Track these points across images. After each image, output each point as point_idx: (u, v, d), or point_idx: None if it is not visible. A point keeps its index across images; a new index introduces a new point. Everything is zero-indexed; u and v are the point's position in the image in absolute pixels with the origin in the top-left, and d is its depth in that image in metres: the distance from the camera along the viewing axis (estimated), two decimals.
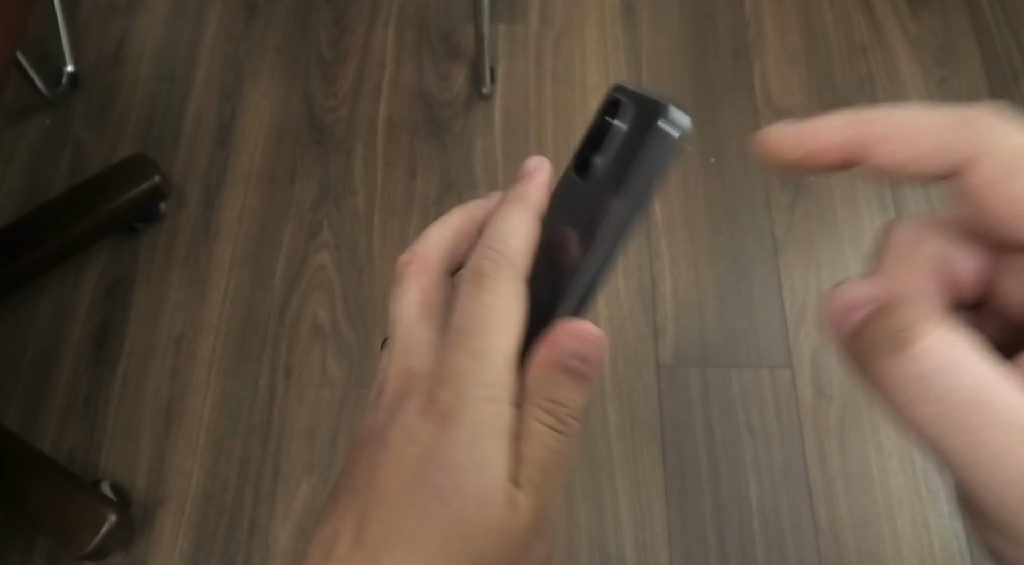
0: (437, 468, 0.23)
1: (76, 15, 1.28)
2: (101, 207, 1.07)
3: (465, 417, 0.23)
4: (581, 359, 0.24)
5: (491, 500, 0.23)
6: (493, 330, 0.24)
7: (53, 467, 0.92)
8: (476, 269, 0.25)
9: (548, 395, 0.24)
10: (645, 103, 0.25)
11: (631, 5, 1.29)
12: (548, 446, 0.24)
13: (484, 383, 0.24)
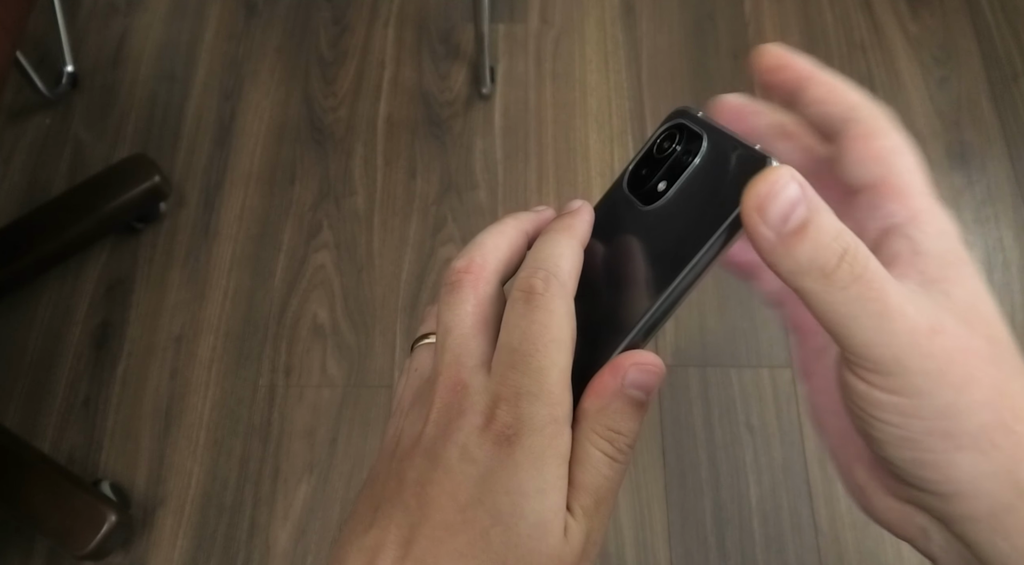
0: (499, 491, 0.23)
1: (76, 15, 1.28)
2: (101, 207, 1.07)
3: (526, 440, 0.23)
4: (643, 389, 0.24)
5: (550, 527, 0.23)
6: (549, 349, 0.24)
7: (53, 467, 0.92)
8: (527, 288, 0.25)
9: (607, 423, 0.24)
10: (735, 146, 0.24)
11: (631, 5, 1.29)
12: (604, 474, 0.24)
13: (543, 403, 0.23)
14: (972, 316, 0.22)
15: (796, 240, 0.20)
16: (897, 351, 0.20)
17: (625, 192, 0.27)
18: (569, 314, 0.25)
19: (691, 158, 0.25)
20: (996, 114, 1.21)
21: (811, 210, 0.20)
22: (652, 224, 0.25)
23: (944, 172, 1.17)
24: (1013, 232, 1.13)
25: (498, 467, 0.23)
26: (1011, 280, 1.10)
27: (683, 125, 0.26)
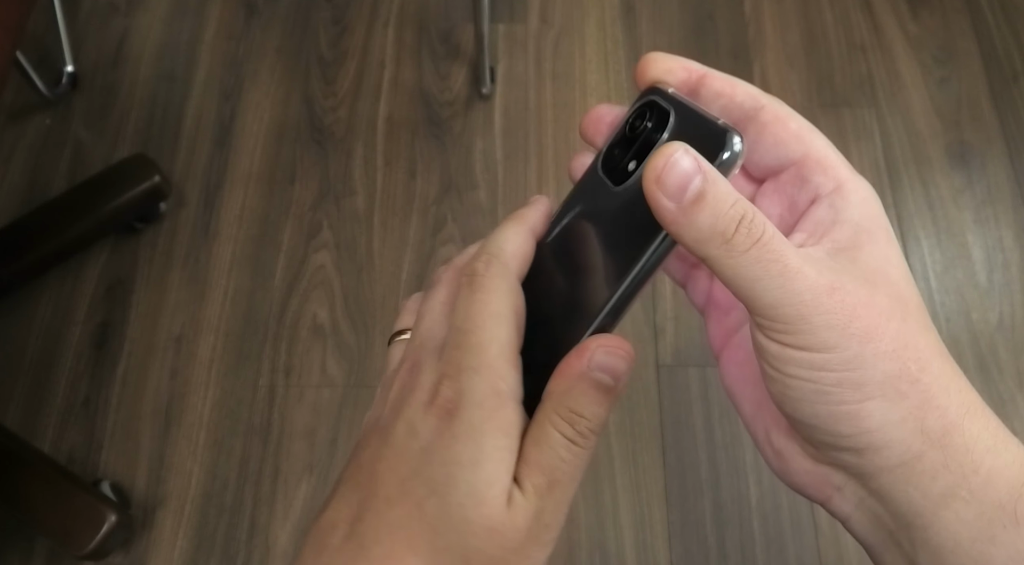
0: (436, 463, 0.24)
1: (76, 15, 1.28)
2: (101, 207, 1.07)
3: (465, 413, 0.24)
4: (610, 373, 0.24)
5: (486, 497, 0.23)
6: (488, 325, 0.25)
7: (53, 467, 0.92)
8: (470, 271, 0.26)
9: (570, 405, 0.24)
10: (700, 122, 0.24)
11: (631, 5, 1.29)
12: (560, 456, 0.24)
13: (483, 376, 0.24)
14: (876, 277, 0.23)
15: (696, 209, 0.22)
16: (801, 309, 0.21)
17: (599, 175, 0.27)
18: (511, 292, 0.26)
19: (659, 135, 0.25)
20: (996, 114, 1.21)
21: (707, 181, 0.22)
22: (621, 204, 0.26)
23: (944, 172, 1.17)
24: (1013, 232, 1.13)
25: (437, 440, 0.24)
26: (1011, 280, 1.10)
27: (654, 102, 0.26)
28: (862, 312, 0.22)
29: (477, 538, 0.23)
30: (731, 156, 0.23)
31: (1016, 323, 1.07)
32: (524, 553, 0.24)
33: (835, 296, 0.22)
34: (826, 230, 0.24)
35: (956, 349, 1.05)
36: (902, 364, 0.22)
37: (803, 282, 0.21)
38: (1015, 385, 1.03)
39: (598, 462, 0.98)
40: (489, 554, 0.23)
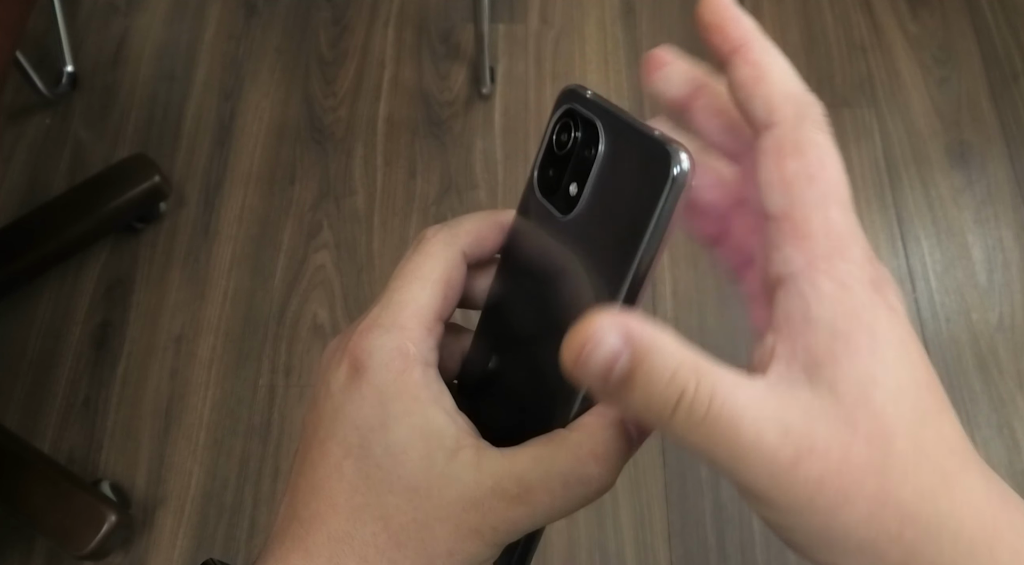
0: (348, 425, 0.24)
1: (76, 15, 1.28)
2: (101, 207, 1.07)
3: (370, 373, 0.24)
4: (638, 429, 0.24)
5: (402, 460, 0.23)
6: (412, 286, 0.25)
7: (53, 467, 0.92)
8: (420, 236, 0.26)
9: (593, 447, 0.24)
10: (634, 135, 0.23)
11: (631, 5, 1.29)
12: (551, 488, 0.23)
13: (393, 336, 0.24)
14: (856, 412, 0.19)
15: (625, 391, 0.19)
16: (759, 487, 0.19)
17: (539, 199, 0.25)
18: (447, 260, 0.25)
19: (592, 152, 0.24)
20: (996, 114, 1.21)
21: (636, 358, 0.19)
22: (576, 234, 0.24)
23: (944, 172, 1.17)
24: (1013, 232, 1.13)
25: (347, 401, 0.24)
26: (1011, 280, 1.10)
27: (575, 112, 0.24)
28: (831, 480, 0.19)
29: (395, 496, 0.23)
30: (678, 181, 0.21)
31: (1016, 323, 1.07)
32: (485, 510, 0.23)
33: (799, 470, 0.19)
34: (797, 333, 0.20)
35: (956, 349, 1.05)
36: (880, 527, 0.19)
37: (758, 458, 0.19)
38: (1015, 385, 1.03)
39: None
40: (409, 514, 0.23)
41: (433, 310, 0.25)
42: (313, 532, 0.24)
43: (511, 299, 0.27)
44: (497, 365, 0.27)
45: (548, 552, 0.94)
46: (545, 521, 0.24)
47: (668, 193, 0.21)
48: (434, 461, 0.23)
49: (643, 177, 0.22)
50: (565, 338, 0.19)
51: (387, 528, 0.23)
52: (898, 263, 1.11)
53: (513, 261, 0.27)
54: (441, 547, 0.23)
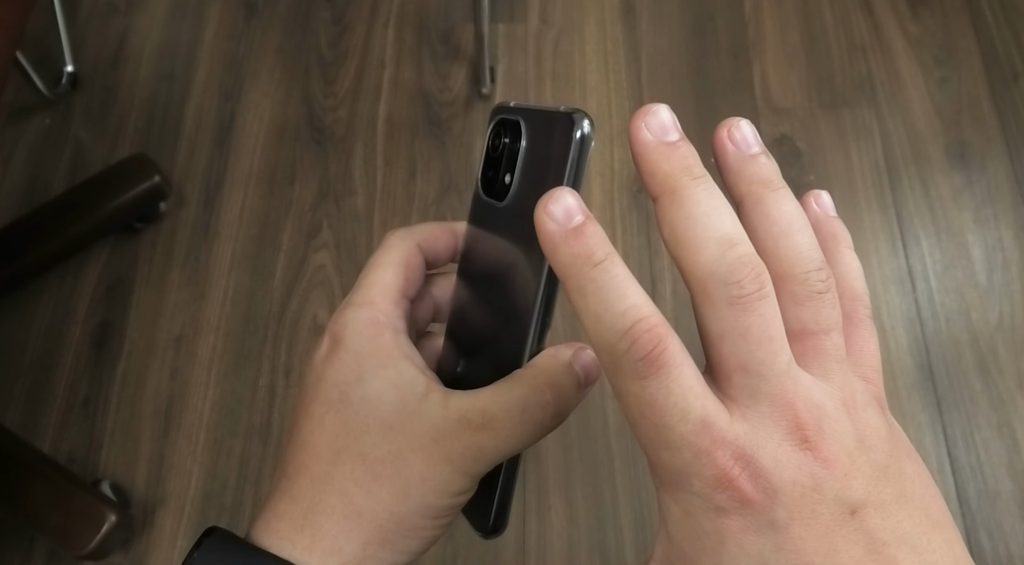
0: (329, 385, 0.27)
1: (76, 15, 1.28)
2: (101, 207, 1.07)
3: (347, 340, 0.28)
4: (585, 374, 0.27)
5: (378, 404, 0.26)
6: (378, 271, 0.30)
7: (53, 467, 0.92)
8: (382, 239, 0.31)
9: (549, 378, 0.26)
10: (547, 117, 0.26)
11: (631, 5, 1.29)
12: (511, 412, 0.26)
13: (364, 309, 0.28)
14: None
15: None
16: None
17: (483, 199, 0.29)
18: (404, 249, 0.30)
19: (519, 143, 0.27)
20: (996, 114, 1.21)
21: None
22: (512, 215, 0.27)
23: (944, 172, 1.17)
24: (1013, 232, 1.13)
25: (328, 367, 0.28)
26: (1011, 280, 1.10)
27: (503, 120, 0.28)
28: None
29: (371, 435, 0.26)
30: (582, 134, 0.24)
31: (1016, 323, 1.07)
32: (443, 440, 0.26)
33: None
34: (663, 542, 0.22)
35: (956, 349, 1.05)
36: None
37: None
38: (1015, 385, 1.03)
39: (598, 462, 0.98)
40: (384, 448, 0.26)
41: (397, 287, 0.29)
42: (298, 480, 0.27)
43: (470, 291, 0.30)
44: (462, 350, 0.31)
45: (548, 552, 0.94)
46: (508, 448, 0.26)
47: (575, 150, 0.24)
48: (406, 403, 0.26)
49: (555, 146, 0.25)
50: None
51: (364, 462, 0.26)
52: (898, 263, 1.11)
53: (468, 259, 0.31)
54: (415, 474, 0.26)
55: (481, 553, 0.93)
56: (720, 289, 0.20)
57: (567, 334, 1.01)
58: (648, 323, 0.21)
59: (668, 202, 0.21)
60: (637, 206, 1.13)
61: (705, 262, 0.20)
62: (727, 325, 0.20)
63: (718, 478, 0.20)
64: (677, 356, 0.20)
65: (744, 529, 0.20)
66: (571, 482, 0.97)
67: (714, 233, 0.20)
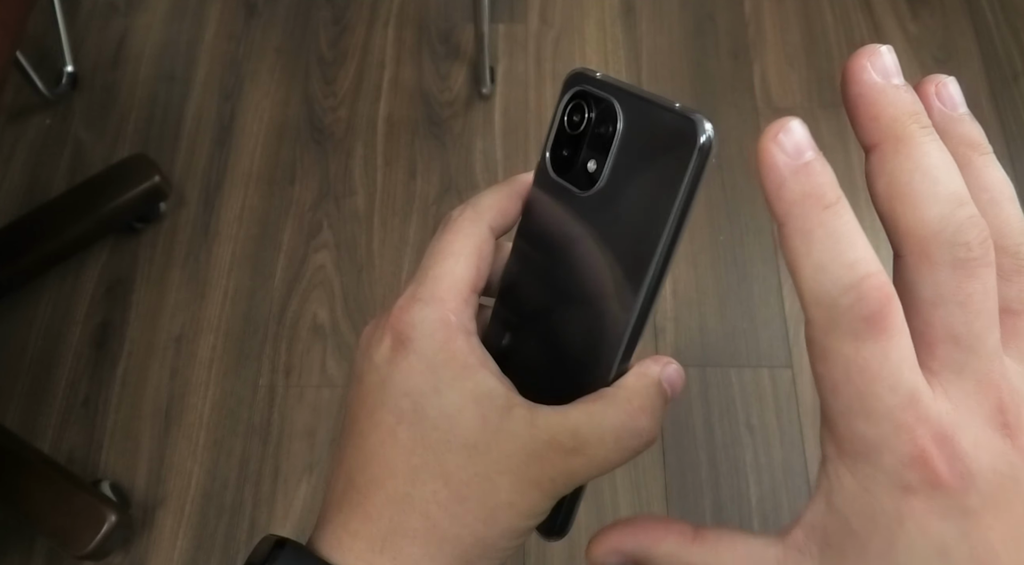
0: (399, 394, 0.25)
1: (76, 15, 1.28)
2: (101, 207, 1.07)
3: (418, 344, 0.25)
4: (672, 388, 0.26)
5: (459, 420, 0.24)
6: (447, 261, 0.26)
7: (53, 467, 0.92)
8: (446, 218, 0.27)
9: (640, 402, 0.25)
10: (652, 109, 0.23)
11: (631, 5, 1.29)
12: (602, 437, 0.25)
13: (433, 308, 0.25)
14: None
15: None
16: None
17: (554, 179, 0.26)
18: (476, 234, 0.26)
19: (611, 128, 0.24)
20: (996, 114, 1.21)
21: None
22: (599, 208, 0.25)
23: None
24: None
25: (395, 372, 0.25)
26: None
27: (586, 93, 0.25)
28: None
29: (454, 455, 0.24)
30: (704, 148, 0.22)
31: None
32: (545, 461, 0.24)
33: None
34: (822, 511, 0.20)
35: None
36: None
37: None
38: None
39: None
40: (469, 470, 0.24)
41: (467, 282, 0.26)
42: (371, 496, 0.24)
43: (532, 273, 0.27)
44: (520, 336, 0.28)
45: (548, 552, 0.94)
46: (599, 472, 0.24)
47: (695, 160, 0.22)
48: (489, 420, 0.24)
49: (667, 148, 0.23)
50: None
51: (448, 485, 0.24)
52: None
53: (530, 239, 0.27)
54: (503, 498, 0.24)
55: None
56: (945, 249, 0.18)
57: None
58: (878, 280, 0.18)
59: (891, 150, 0.19)
60: None
61: (931, 219, 0.19)
62: (947, 290, 0.19)
63: (914, 456, 0.18)
64: (900, 320, 0.18)
65: (929, 512, 0.18)
66: None
67: (943, 189, 0.19)
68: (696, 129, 0.22)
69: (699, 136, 0.22)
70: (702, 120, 0.22)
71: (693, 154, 0.22)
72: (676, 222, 0.23)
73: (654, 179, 0.23)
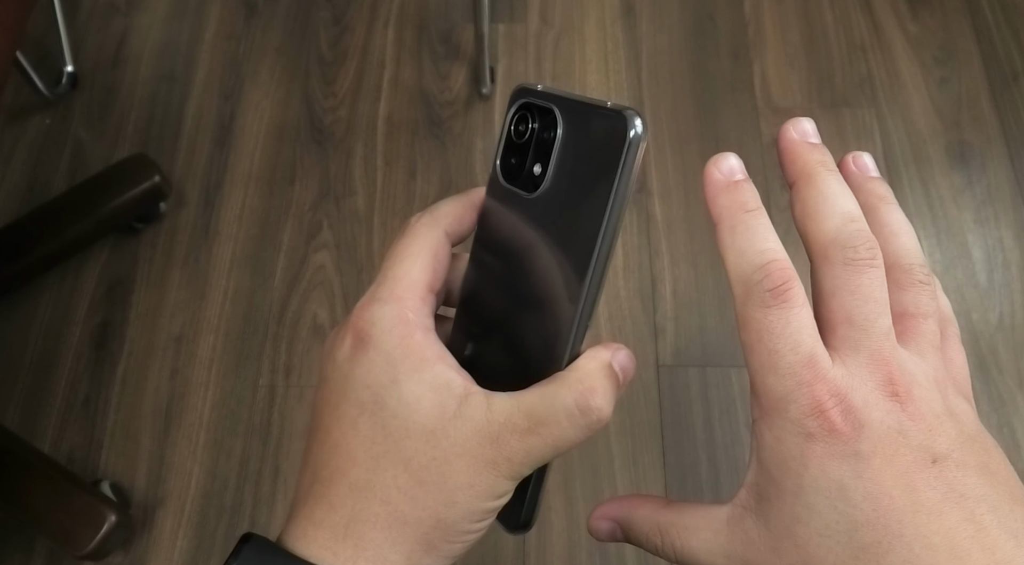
0: (359, 387, 0.26)
1: (76, 15, 1.28)
2: (101, 207, 1.07)
3: (375, 339, 0.26)
4: (624, 372, 0.28)
5: (418, 408, 0.25)
6: (404, 262, 0.28)
7: (53, 467, 0.92)
8: (406, 224, 0.29)
9: (591, 383, 0.26)
10: (589, 110, 0.25)
11: (631, 5, 1.29)
12: (557, 418, 0.26)
13: (392, 306, 0.27)
14: (783, 543, 0.23)
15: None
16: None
17: (504, 186, 0.28)
18: (432, 238, 0.28)
19: (552, 133, 0.26)
20: (996, 114, 1.21)
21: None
22: (545, 208, 0.26)
23: (944, 172, 1.17)
24: (1013, 232, 1.13)
25: (356, 367, 0.26)
26: (1011, 280, 1.10)
27: (529, 104, 0.27)
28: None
29: (413, 440, 0.25)
30: (636, 135, 0.24)
31: (1016, 323, 1.07)
32: (489, 444, 0.25)
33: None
34: (754, 469, 0.24)
35: None
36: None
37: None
38: (1015, 385, 1.03)
39: (598, 462, 0.98)
40: (428, 454, 0.25)
41: (424, 282, 0.28)
42: (334, 486, 0.26)
43: (488, 278, 0.29)
44: (481, 339, 0.29)
45: (548, 552, 0.94)
46: (554, 451, 0.26)
47: (626, 152, 0.24)
48: (446, 407, 0.25)
49: (602, 144, 0.24)
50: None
51: (407, 469, 0.25)
52: None
53: (488, 246, 0.29)
54: (461, 480, 0.25)
55: (481, 553, 0.93)
56: (838, 251, 0.24)
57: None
58: (782, 264, 0.24)
59: (804, 184, 0.25)
60: (637, 206, 1.13)
61: (828, 229, 0.24)
62: (840, 282, 0.23)
63: (813, 407, 0.22)
64: (800, 297, 0.23)
65: (828, 455, 0.22)
66: (571, 482, 0.97)
67: (839, 209, 0.24)
68: (626, 123, 0.23)
69: (628, 129, 0.23)
70: (632, 114, 0.24)
71: (624, 147, 0.24)
72: (613, 212, 0.24)
73: (591, 174, 0.25)
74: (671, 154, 1.17)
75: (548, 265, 0.26)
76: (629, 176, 0.24)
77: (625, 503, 0.28)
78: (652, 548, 0.26)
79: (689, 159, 1.17)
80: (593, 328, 0.27)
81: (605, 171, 0.24)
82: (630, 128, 0.23)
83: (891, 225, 0.26)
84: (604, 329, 1.04)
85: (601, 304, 1.05)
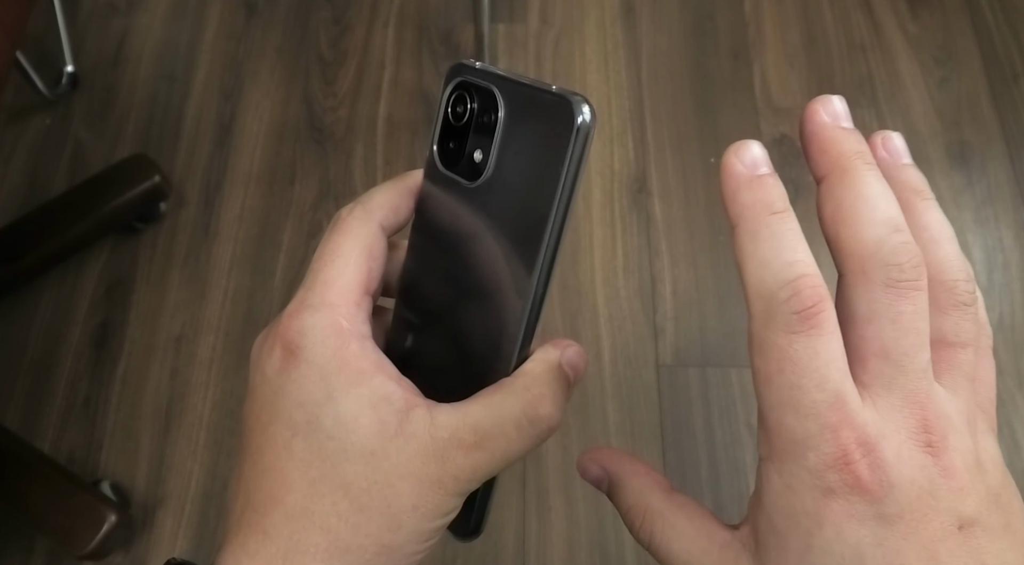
0: (292, 405, 0.24)
1: (76, 15, 1.28)
2: (101, 207, 1.07)
3: (308, 352, 0.24)
4: (574, 371, 0.26)
5: (355, 428, 0.23)
6: (336, 263, 0.25)
7: (53, 467, 0.92)
8: (335, 217, 0.26)
9: (540, 389, 0.25)
10: (533, 94, 0.23)
11: (631, 5, 1.29)
12: (504, 429, 0.24)
13: (324, 314, 0.24)
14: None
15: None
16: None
17: (442, 172, 0.26)
18: (366, 234, 0.26)
19: (493, 117, 0.24)
20: (996, 114, 1.21)
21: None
22: (488, 198, 0.24)
23: (944, 172, 1.17)
24: (1013, 232, 1.13)
25: (287, 382, 0.24)
26: (1011, 280, 1.10)
27: (467, 83, 0.25)
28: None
29: (352, 463, 0.23)
30: (584, 123, 0.22)
31: (1016, 323, 1.07)
32: (447, 460, 0.23)
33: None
34: (756, 508, 0.22)
35: None
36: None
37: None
38: (1015, 385, 1.03)
39: None
40: (369, 478, 0.23)
41: (359, 285, 0.25)
42: (269, 514, 0.24)
43: (429, 270, 0.27)
44: (423, 335, 0.27)
45: (548, 552, 0.94)
46: (503, 464, 0.24)
47: (574, 141, 0.22)
48: (387, 424, 0.23)
49: (548, 131, 0.23)
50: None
51: (347, 495, 0.23)
52: None
53: (424, 235, 0.27)
54: (405, 503, 0.23)
55: (481, 553, 0.93)
56: (879, 269, 0.20)
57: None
58: (813, 280, 0.20)
59: (837, 180, 0.21)
60: (637, 206, 1.13)
61: (869, 240, 0.20)
62: (880, 307, 0.20)
63: (837, 456, 0.19)
64: (831, 322, 0.20)
65: (847, 515, 0.19)
66: (571, 482, 0.97)
67: (881, 215, 0.20)
68: (573, 110, 0.22)
69: (576, 117, 0.22)
70: (580, 101, 0.22)
71: (572, 135, 0.22)
72: (562, 204, 0.23)
73: (538, 163, 0.23)
74: (671, 154, 1.17)
75: (493, 258, 0.24)
76: (577, 167, 0.22)
77: (625, 463, 0.25)
78: (628, 523, 0.24)
79: (689, 159, 1.16)
80: (593, 328, 0.27)
81: (552, 161, 0.22)
82: (577, 115, 0.22)
83: (931, 229, 0.22)
84: (604, 329, 1.04)
85: (601, 304, 1.05)
